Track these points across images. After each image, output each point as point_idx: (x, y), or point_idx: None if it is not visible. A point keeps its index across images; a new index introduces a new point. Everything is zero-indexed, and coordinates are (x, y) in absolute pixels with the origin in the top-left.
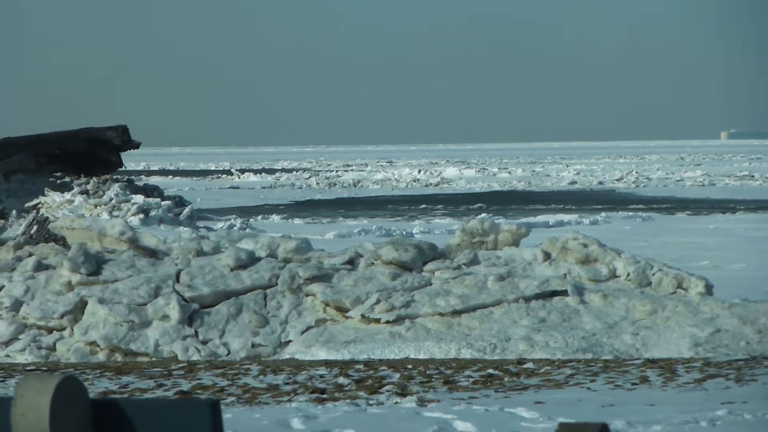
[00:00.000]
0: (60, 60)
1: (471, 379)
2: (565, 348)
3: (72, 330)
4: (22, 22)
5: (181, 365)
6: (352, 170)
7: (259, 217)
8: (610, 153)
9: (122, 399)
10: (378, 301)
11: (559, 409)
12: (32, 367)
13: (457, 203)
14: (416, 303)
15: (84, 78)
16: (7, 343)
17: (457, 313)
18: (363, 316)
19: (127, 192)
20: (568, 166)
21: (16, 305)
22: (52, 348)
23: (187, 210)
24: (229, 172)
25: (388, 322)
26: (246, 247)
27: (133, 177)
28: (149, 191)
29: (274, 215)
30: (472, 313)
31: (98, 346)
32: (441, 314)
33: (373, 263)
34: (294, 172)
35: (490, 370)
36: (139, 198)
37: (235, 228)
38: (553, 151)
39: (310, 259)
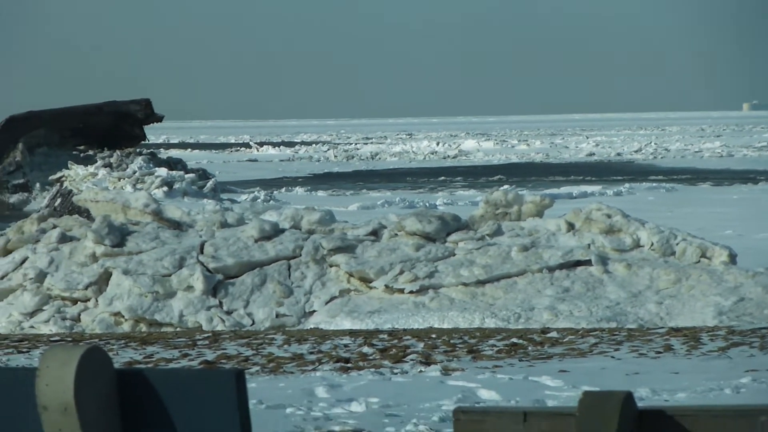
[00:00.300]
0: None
1: (495, 348)
2: (590, 317)
3: (96, 301)
4: None
5: (205, 335)
6: (372, 143)
7: (283, 190)
8: (630, 125)
9: (147, 369)
10: (402, 272)
11: (584, 377)
12: (57, 338)
13: (476, 175)
14: (440, 273)
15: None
16: (32, 315)
17: (480, 283)
18: (387, 286)
19: (151, 165)
20: (588, 137)
21: (41, 277)
22: (77, 319)
23: (210, 182)
24: (247, 145)
25: (412, 292)
26: (270, 218)
27: (153, 150)
28: (173, 164)
29: (297, 187)
30: (496, 283)
31: (123, 316)
32: (465, 284)
33: (396, 234)
34: (314, 145)
35: (514, 339)
36: (162, 171)
37: (259, 200)
38: (573, 122)
39: (334, 230)
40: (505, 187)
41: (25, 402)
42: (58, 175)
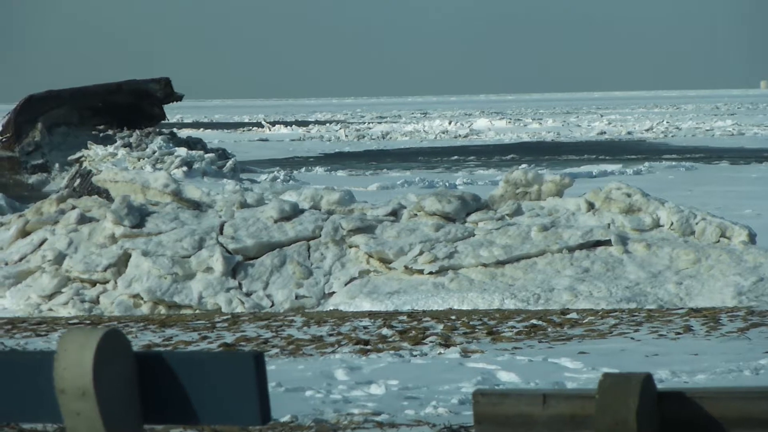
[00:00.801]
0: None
1: (514, 330)
2: (609, 298)
3: (115, 283)
4: None
5: (224, 317)
6: (386, 122)
7: (303, 170)
8: (646, 103)
9: (166, 352)
10: (421, 252)
11: (603, 359)
12: (75, 321)
13: (489, 154)
14: (459, 254)
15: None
16: (51, 297)
17: (500, 263)
18: (406, 267)
19: (171, 145)
20: (602, 116)
21: (59, 258)
22: (96, 301)
23: (230, 162)
24: (260, 125)
25: (431, 273)
26: (289, 199)
27: (172, 130)
28: (192, 144)
29: (317, 167)
30: (515, 264)
31: (142, 298)
32: (484, 265)
33: (416, 215)
34: (327, 125)
35: (534, 321)
36: (182, 151)
37: (279, 180)
38: (591, 101)
39: (354, 210)
40: (524, 166)
41: (43, 386)
42: (78, 155)
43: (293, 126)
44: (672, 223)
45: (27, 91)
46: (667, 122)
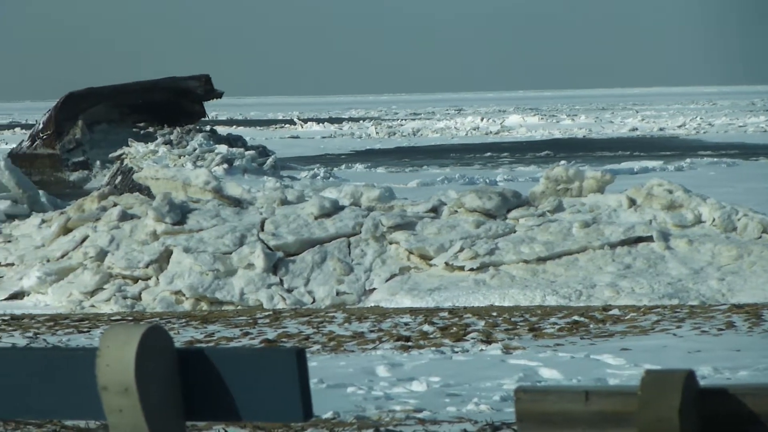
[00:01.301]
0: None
1: (556, 326)
2: (651, 294)
3: (157, 279)
4: None
5: (266, 313)
6: (419, 118)
7: (342, 166)
8: (683, 99)
9: (208, 348)
10: (462, 249)
11: (645, 355)
12: (117, 317)
13: (523, 151)
14: (500, 250)
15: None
16: (92, 294)
17: (541, 260)
18: (447, 263)
19: (211, 142)
20: (638, 112)
21: (101, 255)
22: (138, 298)
23: (270, 160)
24: (292, 122)
25: (472, 269)
26: (330, 195)
27: (206, 127)
28: (233, 141)
29: (357, 164)
30: (557, 260)
31: (183, 295)
32: (526, 261)
33: (456, 211)
34: (360, 122)
35: (576, 317)
36: (222, 148)
37: (319, 177)
38: (628, 97)
39: (394, 207)
40: (563, 162)
41: (85, 382)
42: (119, 152)
43: (325, 123)
44: (714, 219)
45: (66, 89)
46: (701, 118)
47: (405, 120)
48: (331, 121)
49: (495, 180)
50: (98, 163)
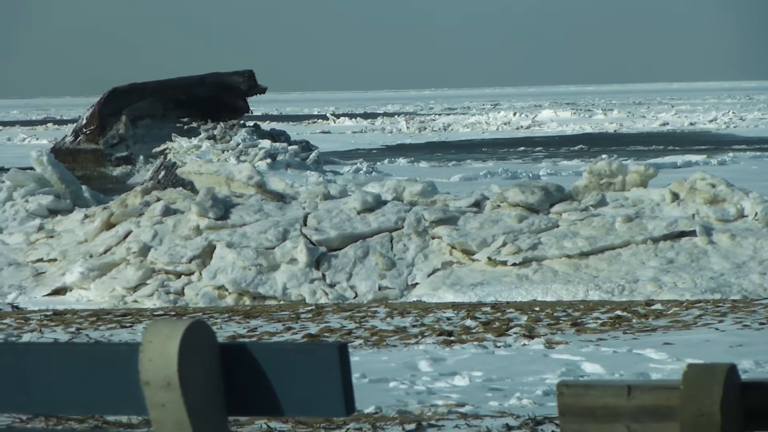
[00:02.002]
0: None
1: (599, 321)
2: (694, 288)
3: (200, 274)
4: None
5: (308, 308)
6: (455, 113)
7: (385, 161)
8: (720, 94)
9: (251, 343)
10: (504, 244)
11: (687, 350)
12: (160, 312)
13: (556, 145)
14: (543, 245)
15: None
16: (135, 289)
17: (584, 254)
18: (489, 258)
19: (254, 137)
20: (673, 107)
21: (144, 250)
22: (180, 293)
23: (313, 154)
24: (325, 117)
25: (514, 264)
26: (372, 190)
27: (249, 122)
28: (276, 136)
29: (400, 158)
30: (599, 255)
31: (226, 290)
32: (568, 256)
33: (499, 206)
34: (395, 117)
35: (618, 312)
36: (266, 143)
37: (361, 172)
38: (668, 92)
39: (436, 201)
40: (604, 156)
41: (127, 378)
42: (162, 147)
43: (358, 118)
44: (756, 214)
45: (110, 84)
46: (733, 113)
47: (439, 115)
48: (366, 116)
49: (538, 174)
50: (141, 158)
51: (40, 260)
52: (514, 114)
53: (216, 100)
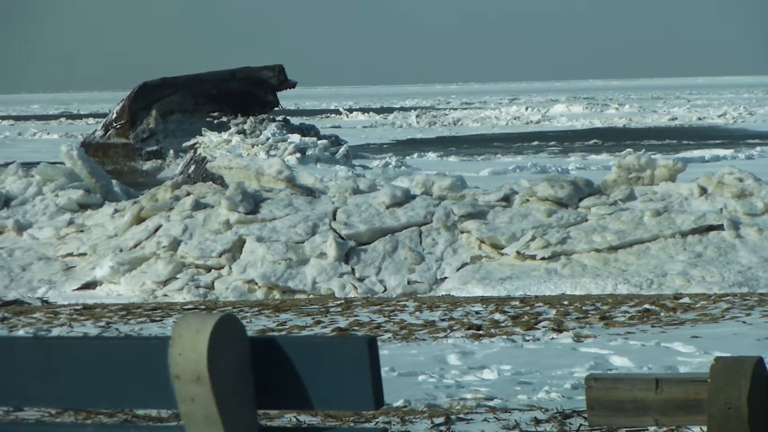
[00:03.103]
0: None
1: (627, 315)
2: (722, 282)
3: (230, 268)
4: None
5: (338, 302)
6: (472, 107)
7: (415, 155)
8: (740, 89)
9: (280, 336)
10: (533, 238)
11: (715, 343)
12: (190, 306)
13: (567, 140)
14: (572, 239)
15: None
16: (165, 283)
17: (613, 248)
18: (518, 252)
19: (284, 131)
20: (689, 101)
21: (174, 244)
22: (210, 287)
23: (343, 149)
24: (338, 112)
25: (543, 258)
26: (401, 184)
27: (278, 116)
28: (305, 130)
29: (429, 152)
30: (628, 249)
31: (256, 284)
32: (597, 250)
33: (528, 200)
34: (411, 111)
35: (647, 306)
36: (295, 137)
37: (391, 166)
38: (689, 87)
39: (465, 196)
40: (628, 150)
41: (157, 371)
42: (192, 141)
43: (371, 113)
44: None
45: (141, 78)
46: (744, 108)
47: (455, 109)
48: (381, 111)
49: (567, 168)
50: (171, 152)
51: (70, 254)
52: (526, 109)
53: (246, 94)
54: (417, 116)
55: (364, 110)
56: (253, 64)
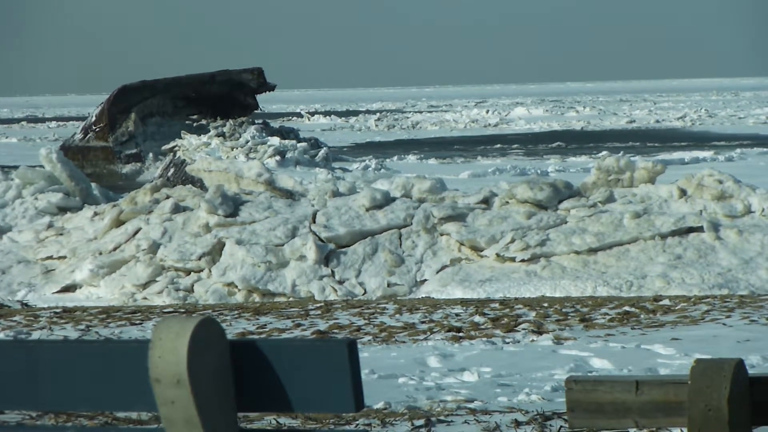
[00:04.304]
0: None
1: (607, 317)
2: (701, 284)
3: (210, 271)
4: None
5: (318, 305)
6: (439, 110)
7: (394, 158)
8: (711, 91)
9: (260, 339)
10: (513, 240)
11: (695, 345)
12: (170, 309)
13: (532, 142)
14: (552, 241)
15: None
16: (145, 286)
17: (593, 251)
18: (498, 255)
19: (263, 134)
20: (655, 103)
21: (154, 247)
22: (190, 289)
23: (322, 152)
24: (299, 115)
25: (523, 260)
26: (381, 187)
27: (258, 119)
28: (285, 133)
29: (409, 155)
30: (608, 251)
31: (236, 287)
32: (577, 252)
33: (507, 202)
34: (377, 114)
35: (627, 308)
36: (275, 140)
37: (370, 169)
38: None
39: (445, 198)
40: (604, 153)
41: (137, 374)
42: (171, 144)
43: (332, 116)
44: (763, 210)
45: (120, 82)
46: (705, 110)
47: (419, 112)
48: (346, 114)
49: (546, 171)
50: (151, 155)
51: (50, 258)
52: (487, 112)
53: (226, 97)
54: (377, 119)
55: (326, 113)
56: (233, 67)
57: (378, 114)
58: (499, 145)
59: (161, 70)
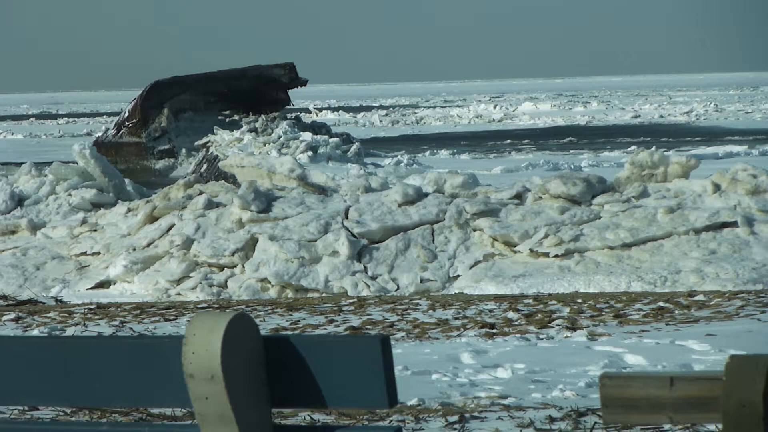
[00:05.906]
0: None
1: (641, 313)
2: (736, 279)
3: (243, 267)
4: None
5: (351, 301)
6: (453, 106)
7: (426, 153)
8: (730, 86)
9: (293, 335)
10: (546, 235)
11: (730, 340)
12: (204, 305)
13: (545, 137)
14: (585, 237)
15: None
16: (179, 282)
17: (626, 246)
18: (531, 250)
19: (296, 129)
20: (671, 98)
21: (187, 243)
22: (223, 285)
23: (354, 147)
24: (307, 110)
25: (557, 256)
26: (413, 182)
27: (290, 114)
28: (317, 128)
29: (442, 150)
30: (642, 246)
31: (269, 282)
32: (610, 248)
33: (540, 197)
34: (390, 109)
35: (661, 303)
36: (307, 135)
37: (402, 164)
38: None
39: (477, 194)
40: (633, 147)
41: (171, 370)
42: (204, 140)
43: (340, 111)
44: None
45: (152, 77)
46: (715, 104)
47: (434, 107)
48: (359, 109)
49: (579, 165)
50: (184, 151)
51: (84, 254)
52: (495, 107)
53: (258, 92)
54: (383, 115)
55: (336, 109)
56: (264, 63)
57: (386, 110)
58: (509, 141)
59: (193, 66)
